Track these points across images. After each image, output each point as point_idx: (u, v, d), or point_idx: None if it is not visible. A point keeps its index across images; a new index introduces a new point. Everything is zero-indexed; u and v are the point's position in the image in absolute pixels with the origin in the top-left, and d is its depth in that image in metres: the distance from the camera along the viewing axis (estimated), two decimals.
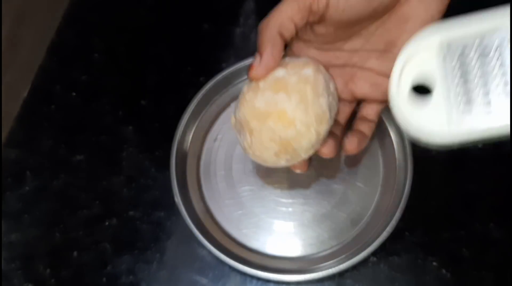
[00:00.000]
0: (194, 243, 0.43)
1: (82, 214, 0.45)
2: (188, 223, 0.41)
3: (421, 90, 0.26)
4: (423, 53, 0.25)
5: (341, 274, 0.41)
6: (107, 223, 0.45)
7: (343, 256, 0.40)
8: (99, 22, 0.55)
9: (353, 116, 0.40)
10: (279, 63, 0.33)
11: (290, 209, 0.43)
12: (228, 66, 0.48)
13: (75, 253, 0.44)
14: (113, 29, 0.54)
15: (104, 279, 0.43)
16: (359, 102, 0.39)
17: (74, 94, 0.51)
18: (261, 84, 0.33)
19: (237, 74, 0.48)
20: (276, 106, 0.32)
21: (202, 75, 0.51)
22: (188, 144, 0.46)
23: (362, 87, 0.36)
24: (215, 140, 0.47)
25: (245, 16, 0.53)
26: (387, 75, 0.33)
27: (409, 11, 0.31)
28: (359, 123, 0.39)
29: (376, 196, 0.43)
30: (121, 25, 0.54)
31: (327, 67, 0.36)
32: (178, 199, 0.42)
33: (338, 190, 0.43)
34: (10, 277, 0.43)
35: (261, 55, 0.33)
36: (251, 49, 0.52)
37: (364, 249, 0.39)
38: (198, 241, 0.41)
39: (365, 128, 0.38)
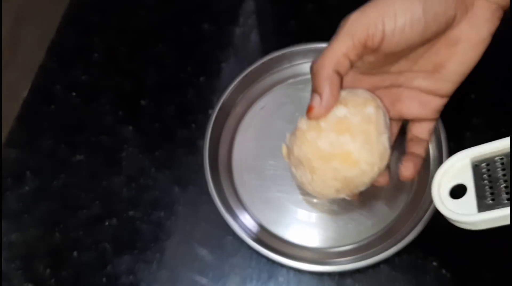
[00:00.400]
0: (194, 243, 0.43)
1: (82, 214, 0.45)
2: (207, 177, 0.43)
3: None
4: (458, 166, 0.32)
5: (341, 274, 0.41)
6: (107, 223, 0.45)
7: (353, 256, 0.40)
8: (99, 22, 0.55)
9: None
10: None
11: (314, 200, 0.43)
12: (228, 66, 0.48)
13: (75, 253, 0.44)
14: (113, 29, 0.54)
15: (104, 279, 0.43)
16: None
17: (74, 94, 0.51)
18: (323, 123, 0.33)
19: (298, 55, 0.48)
20: (341, 148, 0.32)
21: (202, 75, 0.51)
22: (234, 105, 0.47)
23: (410, 107, 0.36)
24: (262, 108, 0.48)
25: (245, 16, 0.53)
26: (435, 94, 0.34)
27: (460, 34, 0.31)
28: (411, 145, 0.38)
29: (402, 205, 0.43)
30: (121, 25, 0.55)
31: (373, 89, 0.36)
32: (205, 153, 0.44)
33: (365, 191, 0.43)
34: (10, 277, 0.43)
35: (320, 95, 0.32)
36: (251, 49, 0.52)
37: (376, 255, 0.39)
38: (197, 242, 0.42)
39: (419, 148, 0.37)
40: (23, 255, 0.44)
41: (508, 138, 0.31)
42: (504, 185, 0.30)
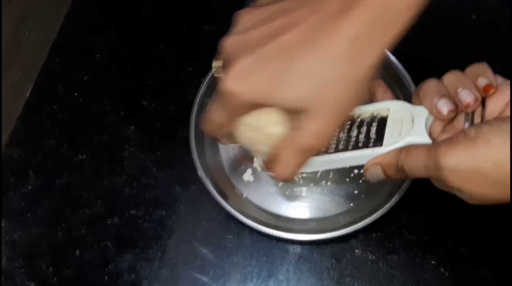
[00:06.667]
0: (195, 242, 0.44)
1: (84, 213, 0.45)
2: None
3: None
4: None
5: (340, 272, 0.42)
6: (109, 222, 0.45)
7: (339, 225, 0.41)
8: (101, 23, 0.55)
9: None
10: None
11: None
12: None
13: (77, 252, 0.44)
14: (115, 30, 0.55)
15: (106, 277, 0.43)
16: None
17: (76, 94, 0.51)
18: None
19: None
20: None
21: (202, 75, 0.51)
22: None
23: None
24: None
25: None
26: None
27: None
28: None
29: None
30: (122, 26, 0.55)
31: None
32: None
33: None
34: (12, 276, 0.43)
35: None
36: None
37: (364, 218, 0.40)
38: (198, 241, 0.42)
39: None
40: (25, 253, 0.44)
41: None
42: None
